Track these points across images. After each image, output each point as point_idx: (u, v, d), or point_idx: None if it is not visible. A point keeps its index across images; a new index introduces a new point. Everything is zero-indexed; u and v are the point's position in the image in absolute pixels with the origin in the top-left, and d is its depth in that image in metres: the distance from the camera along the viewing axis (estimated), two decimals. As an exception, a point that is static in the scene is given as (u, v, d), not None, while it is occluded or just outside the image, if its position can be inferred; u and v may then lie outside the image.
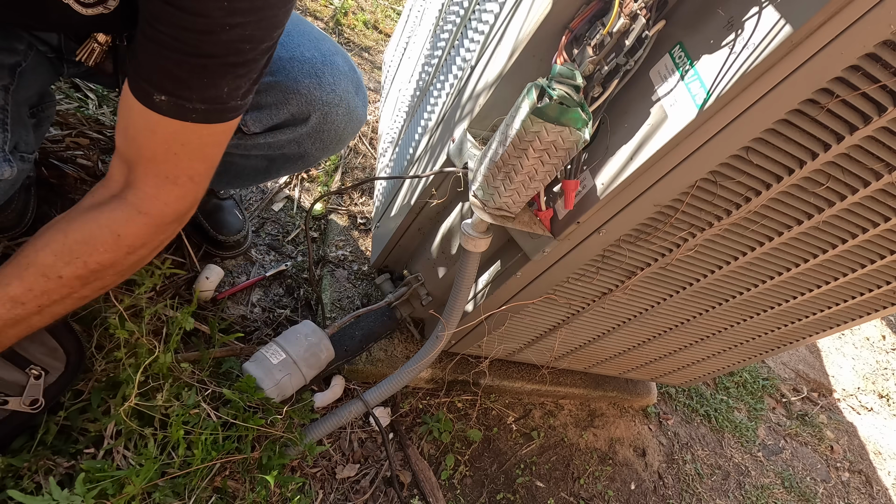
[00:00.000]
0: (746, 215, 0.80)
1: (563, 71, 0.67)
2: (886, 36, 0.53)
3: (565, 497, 1.41)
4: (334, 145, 1.01)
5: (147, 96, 0.64)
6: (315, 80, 0.90)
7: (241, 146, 0.95)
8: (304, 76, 0.89)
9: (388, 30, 2.41)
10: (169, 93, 0.64)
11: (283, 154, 1.00)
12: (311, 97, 0.90)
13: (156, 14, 0.60)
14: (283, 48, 0.89)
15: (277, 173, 1.09)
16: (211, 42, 0.61)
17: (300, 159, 1.02)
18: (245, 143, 0.95)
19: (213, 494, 0.94)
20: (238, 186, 1.29)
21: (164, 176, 0.69)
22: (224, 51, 0.63)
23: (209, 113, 0.66)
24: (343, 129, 0.98)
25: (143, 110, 0.65)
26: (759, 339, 1.28)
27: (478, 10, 0.99)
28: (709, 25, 0.62)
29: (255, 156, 0.99)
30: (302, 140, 0.96)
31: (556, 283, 0.97)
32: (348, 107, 0.95)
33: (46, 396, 0.82)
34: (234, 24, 0.61)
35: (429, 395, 1.39)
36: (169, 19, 0.59)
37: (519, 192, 0.76)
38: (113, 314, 0.89)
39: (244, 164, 1.03)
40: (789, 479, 1.86)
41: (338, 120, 0.95)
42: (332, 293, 1.32)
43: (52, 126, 1.24)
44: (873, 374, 2.54)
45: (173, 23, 0.59)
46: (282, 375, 1.02)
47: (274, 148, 0.97)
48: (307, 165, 1.07)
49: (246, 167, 1.04)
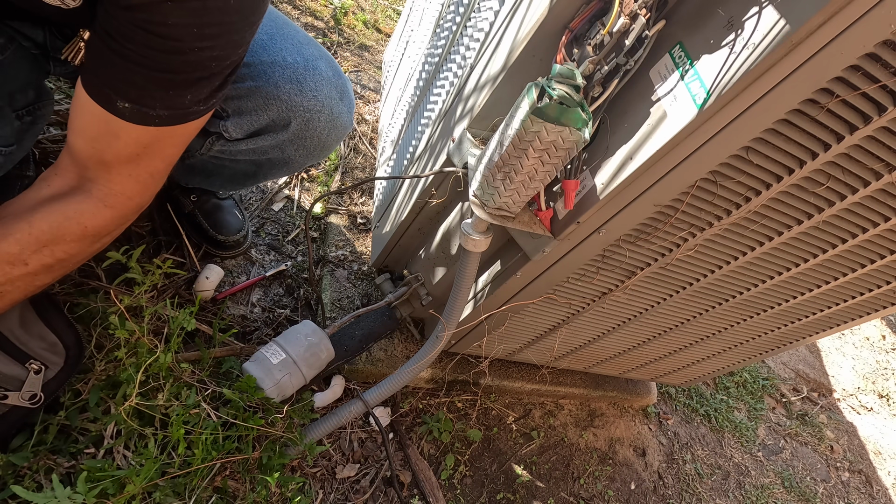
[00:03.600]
0: (746, 215, 0.80)
1: (563, 71, 0.67)
2: (886, 36, 0.53)
3: (565, 497, 1.42)
4: (318, 152, 1.00)
5: (109, 102, 0.66)
6: (296, 85, 0.89)
7: (226, 151, 0.95)
8: (285, 81, 0.88)
9: (388, 30, 2.41)
10: (133, 101, 0.65)
11: (268, 159, 0.99)
12: (292, 103, 0.89)
13: (123, 32, 0.61)
14: (266, 52, 0.88)
15: (266, 177, 1.08)
16: (179, 61, 0.64)
17: (285, 165, 1.02)
18: (230, 149, 0.94)
19: (214, 494, 0.94)
20: (232, 189, 1.29)
21: (128, 174, 0.72)
22: (191, 68, 0.65)
23: (171, 118, 0.69)
24: (326, 136, 0.96)
25: (105, 114, 0.67)
26: (759, 339, 1.28)
27: (478, 10, 0.99)
28: (709, 25, 0.62)
29: (242, 160, 0.99)
30: (284, 146, 0.95)
31: (556, 283, 0.97)
32: (331, 113, 0.94)
33: (45, 391, 0.82)
34: (203, 47, 0.63)
35: (429, 394, 1.39)
36: (138, 39, 0.61)
37: (519, 192, 0.76)
38: (113, 313, 0.89)
39: (234, 168, 1.03)
40: (789, 478, 1.86)
41: (320, 127, 0.94)
42: (332, 293, 1.32)
43: (52, 126, 1.24)
44: (873, 374, 2.54)
45: (142, 42, 0.61)
46: (282, 375, 1.02)
47: (258, 153, 0.96)
48: (293, 171, 1.06)
49: (236, 171, 1.04)
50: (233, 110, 0.89)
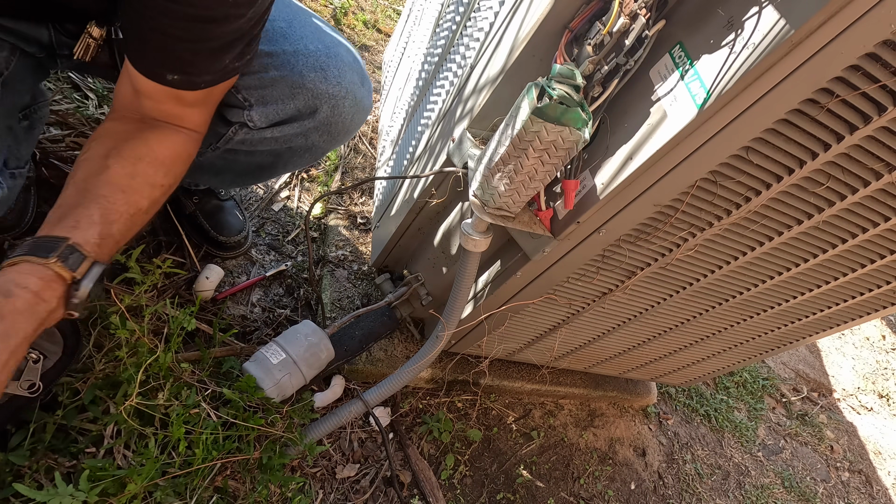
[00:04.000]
0: (746, 215, 0.80)
1: (563, 71, 0.67)
2: (886, 36, 0.53)
3: (565, 497, 1.42)
4: (342, 136, 1.01)
5: (160, 77, 0.73)
6: (320, 73, 0.90)
7: (247, 142, 0.95)
8: (309, 70, 0.89)
9: (388, 30, 2.41)
10: (180, 72, 0.73)
11: (289, 148, 0.99)
12: (318, 91, 0.90)
13: (161, 9, 0.66)
14: (287, 41, 0.90)
15: (283, 169, 1.08)
16: (217, 29, 0.70)
17: (307, 152, 1.02)
18: (251, 139, 0.94)
19: (215, 494, 0.94)
20: (241, 185, 1.29)
21: (190, 114, 0.82)
22: (229, 34, 0.72)
23: (214, 80, 0.78)
24: (350, 120, 0.98)
25: (159, 87, 0.75)
26: (759, 339, 1.28)
27: (478, 10, 0.99)
28: (709, 25, 0.62)
29: (260, 151, 0.99)
30: (309, 133, 0.96)
31: (556, 282, 0.97)
32: (355, 98, 0.95)
33: (44, 381, 0.82)
34: (239, 14, 0.69)
35: (429, 394, 1.39)
36: (175, 13, 0.66)
37: (519, 192, 0.76)
38: (114, 313, 0.89)
39: (248, 162, 1.02)
40: (789, 478, 1.86)
41: (345, 112, 0.95)
42: (332, 293, 1.32)
43: (52, 126, 1.24)
44: (873, 374, 2.54)
45: (180, 16, 0.66)
46: (282, 375, 1.02)
47: (281, 142, 0.97)
48: (314, 159, 1.06)
49: (251, 164, 1.04)
50: (256, 100, 0.89)
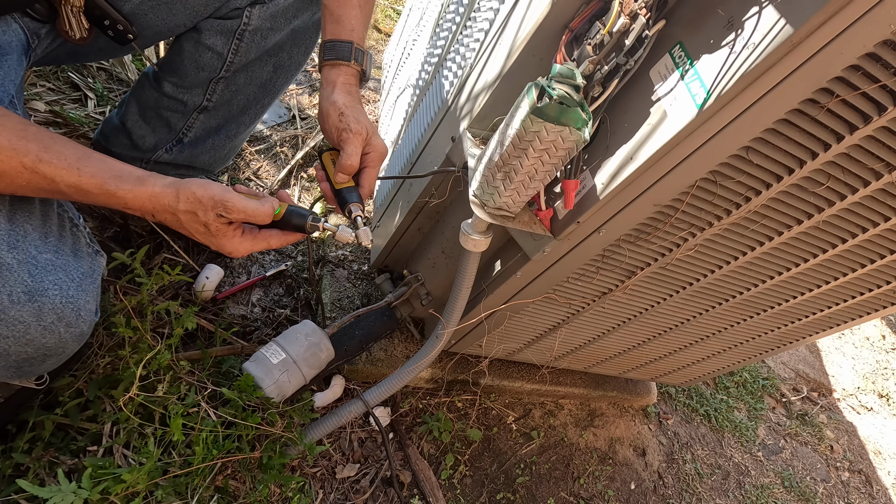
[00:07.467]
0: (746, 215, 0.80)
1: (563, 70, 0.67)
2: (886, 36, 0.53)
3: (565, 497, 1.42)
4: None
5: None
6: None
7: (262, 30, 1.01)
8: None
9: (387, 30, 2.41)
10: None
11: (279, 45, 1.06)
12: None
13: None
14: None
15: (285, 79, 1.14)
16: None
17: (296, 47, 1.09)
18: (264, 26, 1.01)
19: (215, 493, 0.94)
20: (248, 122, 1.24)
21: None
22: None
23: None
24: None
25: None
26: (759, 338, 1.28)
27: (478, 10, 0.99)
28: (709, 25, 0.62)
29: (255, 60, 1.05)
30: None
31: (556, 282, 0.97)
32: None
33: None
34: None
35: (429, 394, 1.39)
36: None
37: (519, 192, 0.76)
38: (119, 311, 0.90)
39: (249, 82, 1.09)
40: (789, 478, 1.86)
41: None
42: (332, 293, 1.32)
43: (51, 126, 1.24)
44: (873, 374, 2.54)
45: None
46: (282, 375, 1.02)
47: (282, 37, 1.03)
48: (307, 53, 1.13)
49: (251, 88, 1.09)
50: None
